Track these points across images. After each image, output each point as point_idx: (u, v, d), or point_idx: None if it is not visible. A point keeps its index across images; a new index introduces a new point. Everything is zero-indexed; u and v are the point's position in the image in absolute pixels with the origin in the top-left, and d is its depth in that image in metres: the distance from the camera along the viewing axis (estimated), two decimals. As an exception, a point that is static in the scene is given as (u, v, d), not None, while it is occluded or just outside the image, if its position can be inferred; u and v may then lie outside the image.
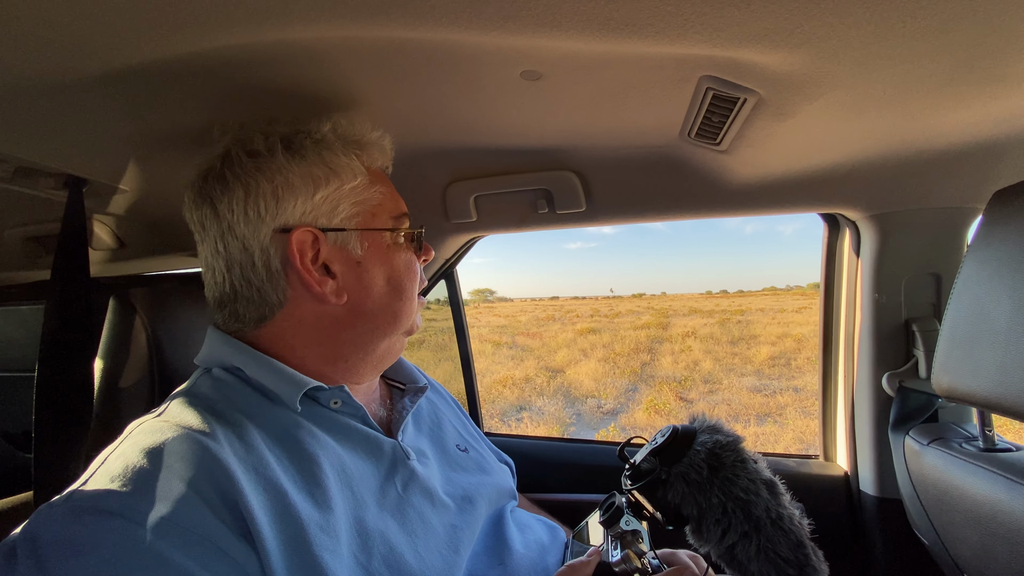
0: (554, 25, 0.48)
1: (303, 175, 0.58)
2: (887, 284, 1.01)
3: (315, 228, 0.58)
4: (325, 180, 0.59)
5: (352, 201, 0.61)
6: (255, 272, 0.57)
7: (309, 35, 0.50)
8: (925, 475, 0.86)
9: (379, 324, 0.62)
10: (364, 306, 0.61)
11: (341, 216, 0.60)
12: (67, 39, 0.46)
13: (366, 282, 0.61)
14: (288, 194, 0.57)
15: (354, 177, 0.61)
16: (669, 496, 0.60)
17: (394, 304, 0.63)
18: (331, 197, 0.59)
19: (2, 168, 0.72)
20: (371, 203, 0.62)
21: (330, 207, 0.59)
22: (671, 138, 0.84)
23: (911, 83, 0.60)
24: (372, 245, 0.62)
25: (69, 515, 0.41)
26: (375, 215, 0.62)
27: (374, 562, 0.50)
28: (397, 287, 0.63)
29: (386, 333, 0.63)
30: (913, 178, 0.89)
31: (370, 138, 0.65)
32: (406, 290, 0.64)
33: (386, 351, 0.65)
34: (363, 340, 0.62)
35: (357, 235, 0.60)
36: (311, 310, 0.59)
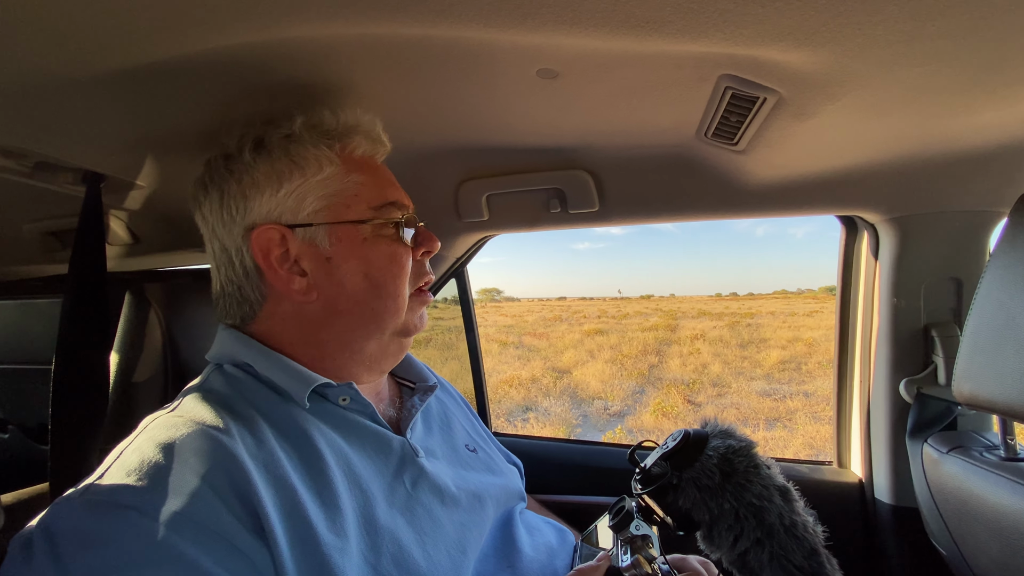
0: (574, 22, 0.47)
1: (267, 172, 0.58)
2: (906, 288, 0.99)
3: (281, 225, 0.57)
4: (288, 175, 0.57)
5: (319, 194, 0.58)
6: (234, 271, 0.59)
7: (327, 32, 0.50)
8: (944, 484, 0.84)
9: (359, 323, 0.59)
10: (338, 304, 0.58)
11: (308, 211, 0.58)
12: (87, 36, 0.47)
13: (338, 279, 0.58)
14: (254, 193, 0.58)
15: (320, 169, 0.58)
16: (680, 501, 0.59)
17: (373, 302, 0.59)
18: (296, 192, 0.57)
19: (22, 163, 0.73)
20: (344, 194, 0.59)
21: (295, 202, 0.57)
22: (687, 138, 0.83)
23: (937, 83, 0.58)
24: (344, 239, 0.58)
25: (85, 508, 0.41)
26: (349, 206, 0.59)
27: (383, 561, 0.49)
28: (376, 284, 0.59)
29: (369, 333, 0.60)
30: (935, 180, 0.87)
31: (350, 125, 0.61)
32: (387, 287, 0.59)
33: (378, 353, 0.62)
34: (345, 339, 0.60)
35: (325, 229, 0.57)
36: (288, 307, 0.59)
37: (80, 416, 0.70)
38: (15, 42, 0.46)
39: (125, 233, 1.16)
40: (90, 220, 0.77)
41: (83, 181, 0.79)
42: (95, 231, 0.76)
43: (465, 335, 1.51)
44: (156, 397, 0.77)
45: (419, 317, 0.64)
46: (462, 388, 0.91)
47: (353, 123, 0.62)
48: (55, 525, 0.40)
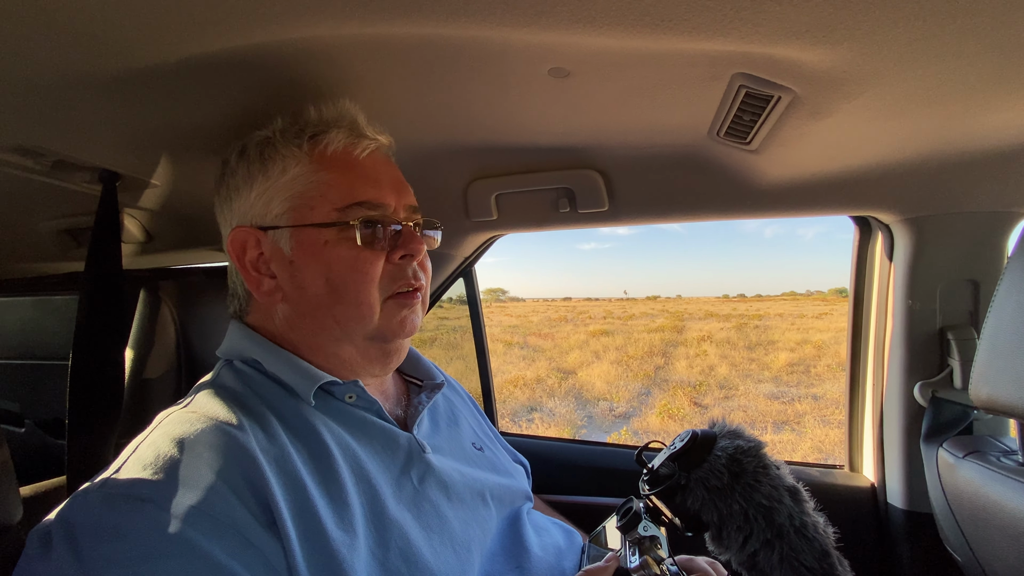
0: (588, 21, 0.47)
1: (244, 175, 0.59)
2: (921, 290, 0.97)
3: (253, 227, 0.59)
4: (258, 177, 0.59)
5: (284, 196, 0.57)
6: (231, 270, 0.64)
7: (342, 32, 0.50)
8: (960, 489, 0.83)
9: (322, 328, 0.58)
10: (301, 308, 0.58)
11: (275, 212, 0.58)
12: (106, 37, 0.47)
13: (299, 282, 0.57)
14: (235, 195, 0.60)
15: (285, 170, 0.57)
16: (688, 502, 0.59)
17: (333, 308, 0.57)
18: (264, 194, 0.58)
19: (40, 162, 0.74)
20: (308, 195, 0.57)
21: (263, 205, 0.58)
22: (699, 137, 0.82)
23: (957, 82, 0.57)
24: (306, 242, 0.57)
25: (103, 501, 0.41)
26: (312, 208, 0.57)
27: (391, 555, 0.50)
28: (336, 289, 0.56)
29: (336, 338, 0.59)
30: (953, 180, 0.86)
31: (329, 120, 0.59)
32: (348, 292, 0.57)
33: (358, 357, 0.61)
34: (316, 343, 0.59)
35: (289, 232, 0.57)
36: (265, 307, 0.61)
37: (96, 410, 0.71)
38: (35, 43, 0.46)
39: (139, 231, 1.17)
40: (106, 218, 0.78)
41: (99, 180, 0.81)
42: (111, 229, 0.77)
43: (472, 334, 1.51)
44: (170, 392, 0.78)
45: (399, 322, 0.60)
46: (468, 388, 0.91)
47: (332, 117, 0.60)
48: (73, 518, 0.41)
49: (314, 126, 0.59)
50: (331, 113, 0.60)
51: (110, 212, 0.79)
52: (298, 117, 0.60)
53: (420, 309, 0.63)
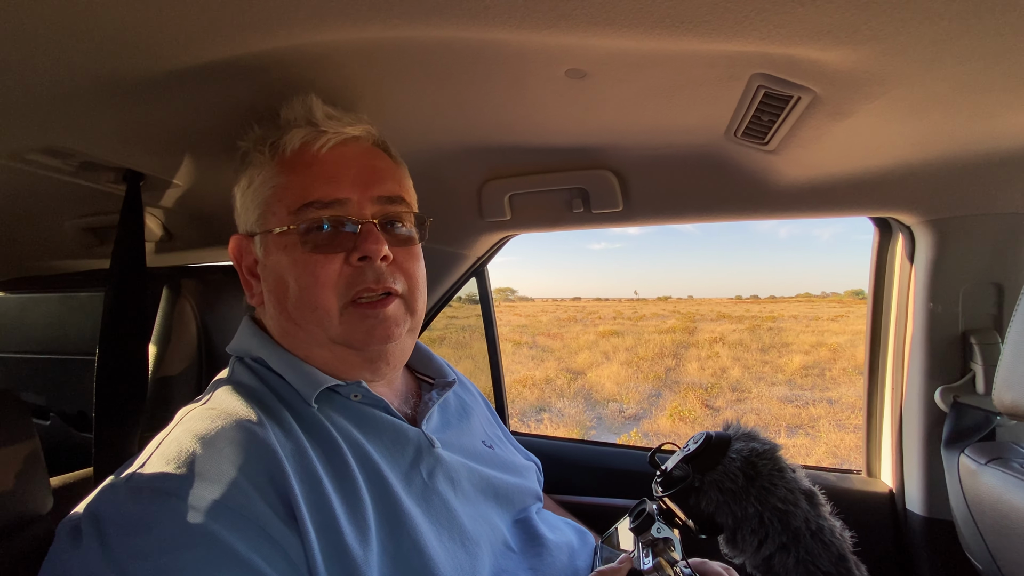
0: (607, 23, 0.47)
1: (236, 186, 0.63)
2: (943, 293, 0.95)
3: (244, 234, 0.61)
4: (238, 187, 0.62)
5: (254, 203, 0.59)
6: None
7: (364, 35, 0.51)
8: (982, 496, 0.81)
9: (293, 330, 0.58)
10: (276, 311, 0.59)
11: (252, 218, 0.60)
12: (132, 41, 0.48)
13: (270, 286, 0.59)
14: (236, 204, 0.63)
15: (252, 178, 0.59)
16: (702, 504, 0.58)
17: (295, 312, 0.56)
18: (243, 202, 0.61)
19: (68, 162, 0.76)
20: (270, 201, 0.57)
21: (244, 212, 0.61)
22: (716, 137, 0.82)
23: (981, 82, 0.56)
24: (271, 247, 0.57)
25: (129, 495, 0.43)
26: (274, 213, 0.57)
27: (402, 549, 0.50)
28: (297, 293, 0.56)
29: (307, 342, 0.58)
30: (977, 182, 0.84)
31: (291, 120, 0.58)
32: (303, 297, 0.55)
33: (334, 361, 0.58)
34: (297, 344, 0.60)
35: (260, 238, 0.59)
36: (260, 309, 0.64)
37: (122, 404, 0.73)
38: (65, 48, 0.48)
39: (160, 229, 1.20)
40: (130, 217, 0.80)
41: (123, 180, 0.83)
42: (135, 228, 0.79)
43: (484, 334, 1.51)
44: (191, 387, 0.79)
45: (366, 331, 0.57)
46: (478, 386, 0.91)
47: (292, 117, 0.58)
48: (101, 511, 0.42)
49: (276, 130, 0.59)
50: (292, 113, 0.58)
51: (134, 211, 0.81)
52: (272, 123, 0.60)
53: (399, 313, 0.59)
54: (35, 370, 1.60)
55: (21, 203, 0.96)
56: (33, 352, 1.60)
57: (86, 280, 1.40)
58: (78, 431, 1.43)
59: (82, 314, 1.50)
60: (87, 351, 1.53)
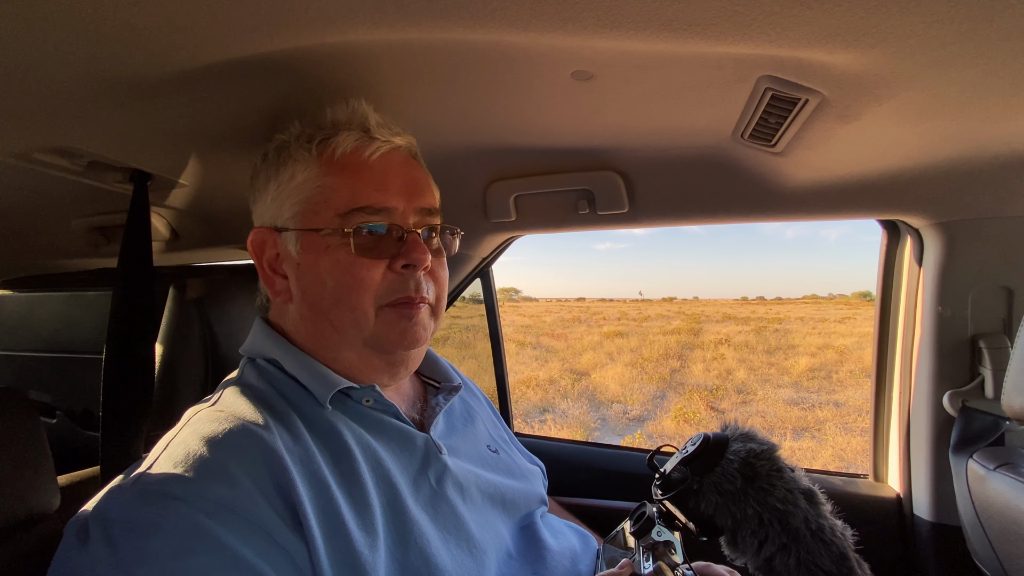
0: (615, 25, 0.47)
1: (265, 176, 0.61)
2: (952, 297, 0.94)
3: (270, 228, 0.60)
4: (274, 180, 0.60)
5: (294, 200, 0.58)
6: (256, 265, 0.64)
7: (371, 37, 0.51)
8: (990, 502, 0.80)
9: (324, 332, 0.59)
10: (306, 311, 0.59)
11: (286, 216, 0.59)
12: (142, 42, 0.49)
13: (303, 285, 0.58)
14: (258, 196, 0.62)
15: (294, 175, 0.58)
16: (702, 506, 0.58)
17: (330, 313, 0.57)
18: (277, 196, 0.60)
19: (76, 162, 0.77)
20: (314, 200, 0.57)
21: (277, 207, 0.60)
22: (723, 139, 0.81)
23: (991, 85, 0.56)
24: (310, 246, 0.57)
25: (137, 497, 0.43)
26: (317, 213, 0.57)
27: (410, 556, 0.50)
28: (334, 294, 0.57)
29: (336, 343, 0.59)
30: (986, 185, 0.83)
31: (341, 121, 0.59)
32: (343, 299, 0.56)
33: (360, 364, 0.60)
34: (321, 345, 0.60)
35: (296, 235, 0.58)
36: (280, 307, 0.63)
37: (128, 403, 0.73)
38: (74, 48, 0.48)
39: (166, 229, 1.20)
40: (138, 217, 0.80)
41: (131, 180, 0.83)
42: (142, 228, 0.80)
43: (489, 335, 1.51)
44: (197, 386, 0.80)
45: (399, 332, 0.58)
46: (482, 387, 0.91)
47: (343, 119, 0.59)
48: (109, 513, 0.43)
49: (325, 130, 0.59)
50: (342, 115, 0.59)
51: (141, 211, 0.81)
52: (313, 121, 0.61)
53: (427, 319, 0.61)
54: (42, 368, 1.62)
55: (29, 202, 0.97)
56: (40, 350, 1.62)
57: (93, 279, 1.42)
58: (84, 429, 1.45)
59: (89, 313, 1.52)
60: (94, 350, 1.54)
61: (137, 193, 0.82)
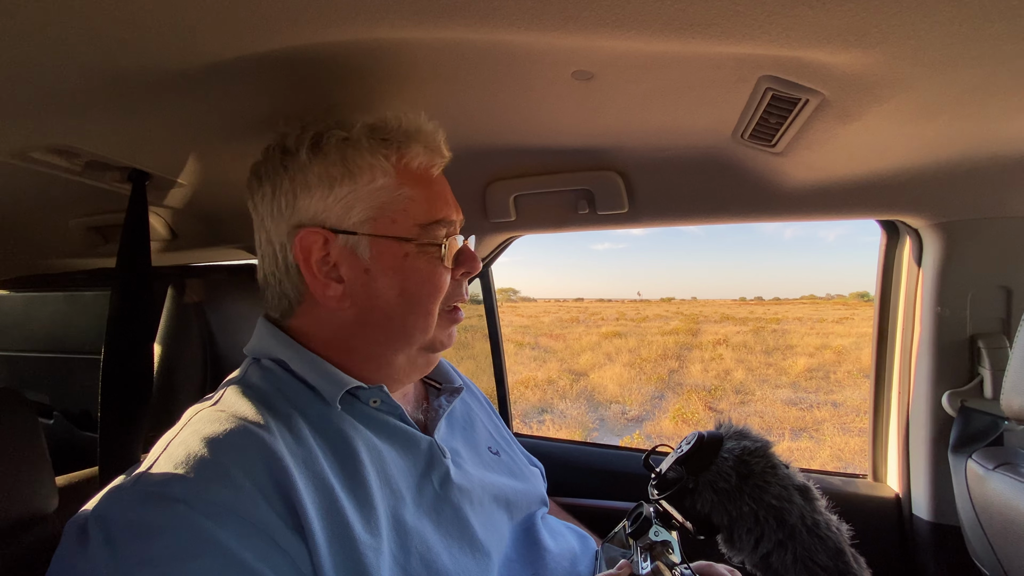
0: (615, 25, 0.47)
1: (320, 174, 0.57)
2: (951, 297, 0.95)
3: (325, 229, 0.56)
4: (340, 180, 0.57)
5: (369, 204, 0.57)
6: (277, 266, 0.59)
7: (371, 36, 0.51)
8: (990, 502, 0.81)
9: (388, 337, 0.59)
10: (370, 316, 0.58)
11: (354, 219, 0.57)
12: (140, 41, 0.48)
13: (373, 291, 0.58)
14: (304, 192, 0.57)
15: (374, 178, 0.57)
16: (698, 505, 0.58)
17: (407, 318, 0.59)
18: (345, 198, 0.57)
19: (74, 161, 0.77)
20: (392, 208, 0.58)
21: (343, 208, 0.57)
22: (723, 139, 0.81)
23: (992, 85, 0.56)
24: (385, 252, 0.58)
25: (137, 499, 0.42)
26: (395, 221, 0.58)
27: (412, 561, 0.50)
28: (410, 300, 0.58)
29: (398, 347, 0.60)
30: (986, 185, 0.84)
31: (411, 133, 0.60)
32: (422, 305, 0.59)
33: (407, 366, 0.62)
34: (375, 350, 0.60)
35: (368, 240, 0.57)
36: (323, 312, 0.59)
37: (126, 403, 0.73)
38: (71, 47, 0.48)
39: (164, 229, 1.20)
40: (136, 217, 0.80)
41: (129, 179, 0.83)
42: (140, 227, 0.79)
43: (488, 335, 1.51)
44: (196, 386, 0.79)
45: (448, 335, 0.63)
46: (481, 388, 0.91)
47: (414, 130, 0.60)
48: (109, 514, 0.42)
49: (399, 137, 0.59)
50: (412, 125, 0.60)
51: (140, 211, 0.81)
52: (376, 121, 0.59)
53: None
54: (39, 369, 1.61)
55: (26, 201, 0.96)
56: (37, 351, 1.61)
57: (91, 279, 1.41)
58: (82, 430, 1.44)
59: (87, 313, 1.51)
60: (92, 350, 1.53)
61: (135, 192, 0.81)
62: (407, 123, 0.60)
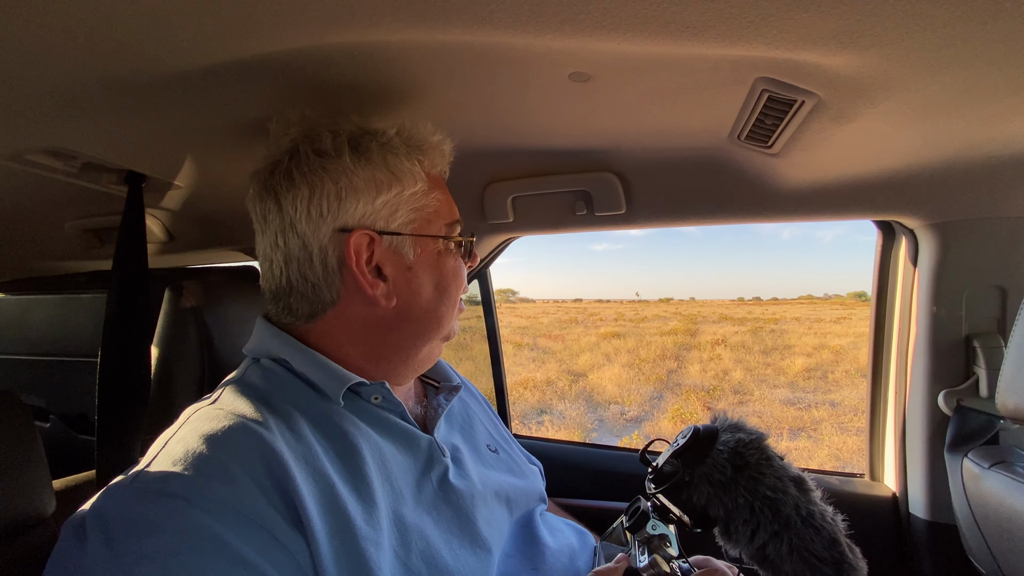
0: (612, 28, 0.47)
1: (367, 179, 0.58)
2: (947, 297, 0.95)
3: (372, 231, 0.58)
4: (387, 185, 0.59)
5: (411, 207, 0.61)
6: (312, 269, 0.58)
7: (370, 38, 0.51)
8: (985, 500, 0.81)
9: (423, 329, 0.63)
10: (411, 311, 0.61)
11: (398, 221, 0.60)
12: (136, 43, 0.48)
13: (415, 287, 0.61)
14: (351, 196, 0.57)
15: (415, 183, 0.61)
16: (694, 498, 0.58)
17: (439, 309, 0.63)
18: (391, 202, 0.59)
19: (70, 164, 0.76)
20: (428, 210, 0.62)
21: (389, 211, 0.59)
22: (719, 140, 0.82)
23: (985, 87, 0.56)
24: (424, 251, 0.62)
25: (135, 496, 0.42)
26: (430, 221, 0.63)
27: (412, 557, 0.50)
28: (444, 293, 0.64)
29: (428, 338, 0.64)
30: (980, 186, 0.84)
31: (432, 142, 0.65)
32: (452, 296, 0.64)
33: (426, 356, 0.66)
34: (406, 343, 0.63)
35: (411, 240, 0.61)
36: (360, 310, 0.60)
37: (124, 406, 0.73)
38: (67, 49, 0.48)
39: (161, 231, 1.20)
40: (132, 219, 0.80)
41: (125, 181, 0.83)
42: (137, 229, 0.79)
43: (487, 336, 1.51)
44: (193, 388, 0.79)
45: (456, 324, 0.69)
46: (480, 388, 0.91)
47: (435, 140, 0.65)
48: (107, 511, 0.42)
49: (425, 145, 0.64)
50: (431, 133, 0.65)
51: (136, 213, 0.81)
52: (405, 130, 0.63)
53: None
54: (36, 372, 1.60)
55: (22, 204, 0.96)
56: (34, 354, 1.61)
57: (88, 281, 1.41)
58: (78, 433, 1.43)
59: (83, 316, 1.50)
60: (88, 353, 1.53)
61: (131, 194, 0.81)
62: (425, 132, 0.64)
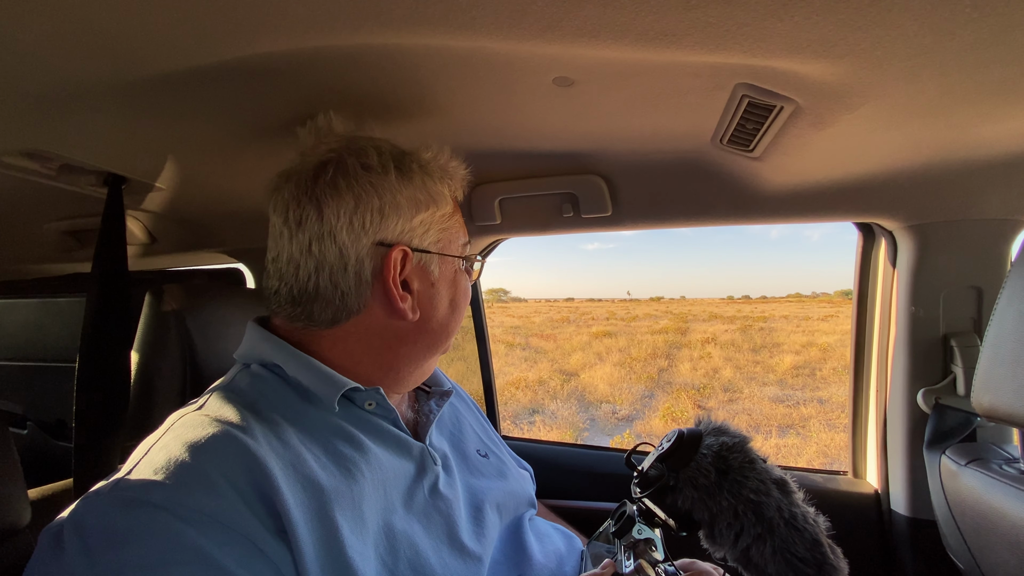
0: (592, 35, 0.47)
1: (409, 197, 0.61)
2: (925, 297, 0.97)
3: (408, 247, 0.60)
4: (425, 205, 0.62)
5: (440, 227, 0.64)
6: (344, 278, 0.57)
7: (351, 42, 0.51)
8: (962, 496, 0.83)
9: (434, 342, 0.65)
10: (428, 324, 0.63)
11: (429, 240, 0.62)
12: (117, 46, 0.48)
13: (436, 303, 0.64)
14: (393, 212, 0.59)
15: (445, 205, 0.65)
16: (679, 502, 0.59)
17: (451, 325, 0.66)
18: (425, 221, 0.62)
19: (47, 166, 0.75)
20: (451, 231, 0.66)
21: (423, 230, 0.62)
22: (702, 144, 0.82)
23: (959, 93, 0.58)
24: (445, 269, 0.65)
25: (115, 505, 0.41)
26: (451, 242, 0.66)
27: (400, 565, 0.50)
28: (456, 309, 0.67)
29: (436, 351, 0.66)
30: (956, 188, 0.86)
31: (457, 170, 0.68)
32: (461, 312, 0.68)
33: (429, 368, 0.69)
34: (417, 356, 0.64)
35: (438, 259, 0.64)
36: (382, 322, 0.60)
37: (103, 412, 0.72)
38: (46, 51, 0.47)
39: (143, 233, 1.18)
40: (112, 221, 0.79)
41: (105, 183, 0.81)
42: (117, 232, 0.78)
43: (475, 336, 1.51)
44: (175, 394, 0.78)
45: None
46: (470, 390, 0.91)
47: (459, 166, 0.68)
48: (86, 520, 0.41)
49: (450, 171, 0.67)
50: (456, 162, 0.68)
51: (116, 215, 0.80)
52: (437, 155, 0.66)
53: None
54: (12, 377, 1.56)
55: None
56: (10, 359, 1.57)
57: (66, 285, 1.38)
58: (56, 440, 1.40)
59: (62, 319, 1.47)
60: (67, 358, 1.49)
61: (111, 197, 0.80)
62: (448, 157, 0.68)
